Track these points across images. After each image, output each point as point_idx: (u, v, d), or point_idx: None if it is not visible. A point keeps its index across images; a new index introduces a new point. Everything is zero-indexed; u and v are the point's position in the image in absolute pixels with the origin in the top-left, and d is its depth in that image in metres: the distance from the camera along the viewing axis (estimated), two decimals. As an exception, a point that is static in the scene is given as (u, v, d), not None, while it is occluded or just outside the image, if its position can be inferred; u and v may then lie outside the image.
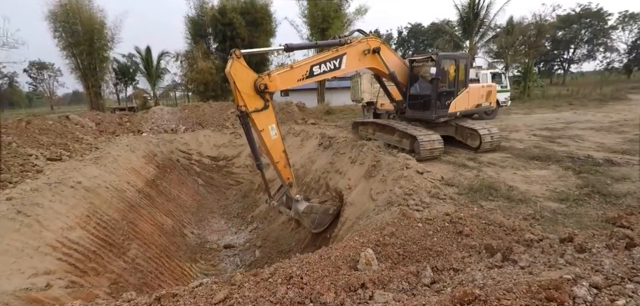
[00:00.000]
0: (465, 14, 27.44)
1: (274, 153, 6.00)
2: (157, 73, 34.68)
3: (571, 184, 5.92)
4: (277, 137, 5.96)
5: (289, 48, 6.32)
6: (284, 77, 6.00)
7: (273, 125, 5.88)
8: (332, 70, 6.66)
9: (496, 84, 12.38)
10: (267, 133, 5.81)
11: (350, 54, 6.90)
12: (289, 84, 6.24)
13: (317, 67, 6.39)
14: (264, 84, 5.55)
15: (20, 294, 4.09)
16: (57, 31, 25.29)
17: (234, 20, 25.52)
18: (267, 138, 5.84)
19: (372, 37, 7.60)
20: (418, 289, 2.60)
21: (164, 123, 16.28)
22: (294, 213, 6.56)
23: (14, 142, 8.52)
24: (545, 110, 17.33)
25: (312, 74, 6.34)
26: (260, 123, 5.71)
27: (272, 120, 5.87)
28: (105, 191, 7.71)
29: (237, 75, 5.30)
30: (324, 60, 6.49)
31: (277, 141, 5.98)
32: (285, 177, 6.30)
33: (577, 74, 53.56)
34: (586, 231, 3.75)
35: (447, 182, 6.26)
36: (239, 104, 5.50)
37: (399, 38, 59.89)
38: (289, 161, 6.34)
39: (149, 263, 6.89)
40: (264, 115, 5.72)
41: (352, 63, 7.04)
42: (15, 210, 5.32)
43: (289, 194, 6.52)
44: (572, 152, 8.12)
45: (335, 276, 2.87)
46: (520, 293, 1.89)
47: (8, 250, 4.62)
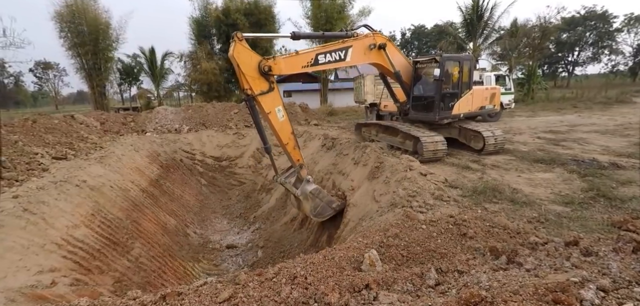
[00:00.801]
0: (469, 15, 27.39)
1: (283, 135, 5.98)
2: (161, 73, 34.87)
3: (576, 187, 5.89)
4: (285, 119, 5.94)
5: (296, 36, 6.29)
6: (288, 62, 5.98)
7: (280, 107, 5.85)
8: (337, 61, 6.64)
9: (500, 86, 12.36)
10: (274, 115, 5.79)
11: (356, 47, 6.89)
12: (294, 69, 6.18)
13: (322, 56, 6.35)
14: (268, 66, 5.53)
15: (26, 291, 4.12)
16: (62, 31, 25.53)
17: (237, 21, 25.62)
18: (275, 120, 5.82)
19: (378, 33, 7.59)
20: (422, 290, 2.59)
21: (167, 123, 16.36)
22: (300, 192, 6.48)
23: (20, 140, 8.59)
24: (549, 113, 17.24)
25: (317, 62, 6.29)
26: (266, 106, 5.68)
27: (279, 102, 5.83)
28: (109, 190, 7.76)
29: (240, 57, 5.26)
30: (329, 50, 6.45)
31: (285, 123, 5.96)
32: (295, 158, 6.28)
33: (582, 77, 53.27)
34: (592, 235, 3.72)
35: (450, 184, 6.25)
36: (244, 87, 5.48)
37: (402, 40, 59.84)
38: (298, 142, 6.33)
39: (152, 262, 6.92)
40: (270, 97, 5.68)
41: (357, 56, 7.02)
42: (21, 208, 5.37)
43: (299, 175, 6.48)
44: (577, 155, 8.07)
45: (339, 277, 2.87)
46: (527, 296, 1.89)
47: (14, 247, 4.66)
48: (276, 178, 6.55)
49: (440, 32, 42.26)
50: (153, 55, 33.49)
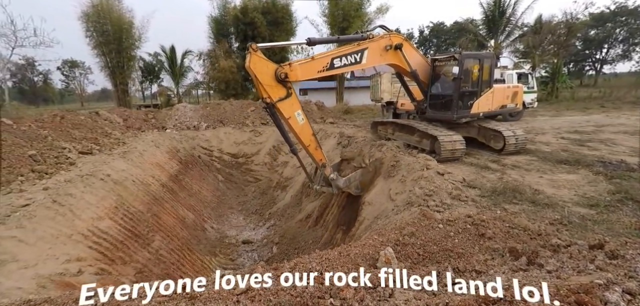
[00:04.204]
0: (490, 12, 26.63)
1: (304, 137, 6.24)
2: (181, 71, 35.65)
3: (602, 189, 5.65)
4: (305, 122, 6.18)
5: (311, 42, 6.41)
6: (304, 67, 6.12)
7: (299, 111, 6.07)
8: (353, 64, 6.70)
9: (522, 85, 11.95)
10: (294, 120, 6.03)
11: (371, 49, 6.89)
12: (310, 75, 6.32)
13: (338, 60, 6.42)
14: (285, 73, 5.68)
15: (55, 278, 4.35)
16: (88, 31, 26.47)
17: (255, 19, 25.86)
18: (295, 124, 6.06)
19: (394, 33, 7.54)
20: (439, 289, 2.57)
21: (186, 121, 16.76)
22: (335, 189, 6.89)
23: (49, 135, 9.02)
24: (575, 113, 16.58)
25: (332, 66, 6.37)
26: (286, 112, 5.88)
27: (297, 107, 6.05)
28: (131, 184, 8.04)
29: (256, 68, 5.43)
30: (345, 53, 6.52)
31: (305, 126, 6.21)
32: (317, 159, 6.52)
33: (610, 75, 50.78)
34: (618, 238, 3.57)
35: (468, 183, 6.13)
36: (263, 96, 5.68)
37: (420, 37, 58.81)
38: (319, 143, 6.57)
39: (171, 254, 7.13)
40: (288, 103, 5.87)
41: (373, 58, 7.03)
42: (50, 199, 5.65)
43: (325, 174, 6.72)
44: (604, 156, 7.74)
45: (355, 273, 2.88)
46: (548, 296, 1.84)
47: (44, 237, 4.91)
48: (312, 186, 6.97)
49: (460, 30, 41.23)
50: (173, 53, 34.26)
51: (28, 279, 4.11)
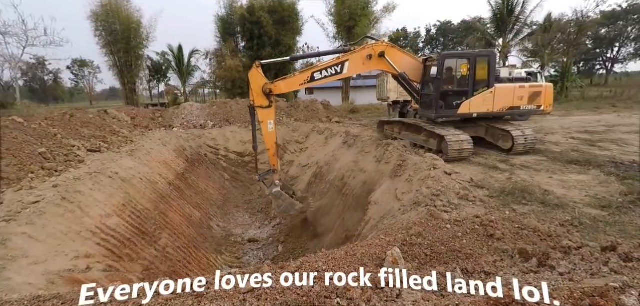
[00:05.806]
0: (498, 10, 26.28)
1: (268, 142, 7.60)
2: (188, 70, 35.88)
3: (614, 190, 5.53)
4: (273, 131, 7.52)
5: (293, 58, 8.10)
6: (287, 82, 7.48)
7: (271, 121, 7.45)
8: (334, 75, 7.44)
9: (551, 84, 11.47)
10: (265, 125, 7.45)
11: (352, 60, 7.45)
12: (292, 88, 7.74)
13: (318, 73, 7.35)
14: (269, 89, 7.14)
15: (64, 275, 4.39)
16: (97, 30, 26.78)
17: (261, 18, 25.89)
18: (265, 129, 7.48)
19: (379, 42, 7.94)
20: (447, 290, 2.53)
21: (193, 119, 16.86)
22: (268, 192, 8.17)
23: (59, 133, 9.14)
24: (585, 112, 16.31)
25: (313, 79, 7.36)
26: (261, 117, 7.36)
27: (271, 117, 7.42)
28: (139, 182, 8.10)
29: (252, 79, 7.17)
30: (325, 67, 7.37)
31: (272, 134, 7.54)
32: (272, 163, 7.89)
33: (622, 74, 49.77)
34: (631, 240, 3.49)
35: (476, 184, 6.05)
36: (251, 99, 7.29)
37: (427, 36, 58.39)
38: (278, 152, 8.01)
39: (177, 252, 7.18)
40: (266, 112, 7.31)
41: (355, 67, 7.63)
42: (60, 197, 5.72)
43: (272, 178, 8.03)
44: (615, 156, 7.58)
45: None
46: (562, 299, 1.80)
47: (54, 234, 4.97)
48: (257, 178, 8.24)
49: (468, 28, 40.84)
50: (180, 52, 34.47)
51: (38, 275, 4.15)
